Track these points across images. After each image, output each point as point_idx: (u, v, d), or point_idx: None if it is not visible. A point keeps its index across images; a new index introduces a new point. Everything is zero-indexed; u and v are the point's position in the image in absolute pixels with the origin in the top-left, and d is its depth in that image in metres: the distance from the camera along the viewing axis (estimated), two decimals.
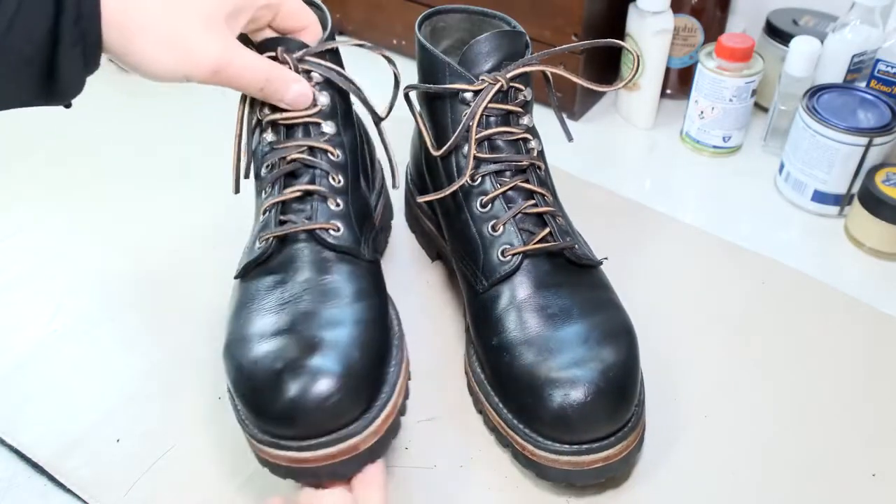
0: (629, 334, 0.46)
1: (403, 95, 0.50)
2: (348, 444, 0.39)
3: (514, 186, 0.48)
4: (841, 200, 0.66)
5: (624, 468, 0.45)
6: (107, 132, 0.75)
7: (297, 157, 0.45)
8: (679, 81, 0.79)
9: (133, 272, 0.60)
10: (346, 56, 0.51)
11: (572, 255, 0.48)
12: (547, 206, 0.48)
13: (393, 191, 0.56)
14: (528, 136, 0.49)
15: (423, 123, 0.51)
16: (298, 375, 0.38)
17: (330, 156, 0.47)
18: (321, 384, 0.38)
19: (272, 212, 0.45)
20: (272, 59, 0.45)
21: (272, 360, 0.39)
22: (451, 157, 0.50)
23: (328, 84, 0.47)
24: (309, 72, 0.46)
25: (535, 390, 0.43)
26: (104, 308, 0.57)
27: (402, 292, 0.52)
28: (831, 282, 0.60)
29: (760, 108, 0.77)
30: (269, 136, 0.46)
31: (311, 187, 0.45)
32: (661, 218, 0.66)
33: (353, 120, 0.50)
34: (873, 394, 0.52)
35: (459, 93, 0.48)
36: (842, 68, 0.69)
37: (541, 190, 0.49)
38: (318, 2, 0.51)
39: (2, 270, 0.61)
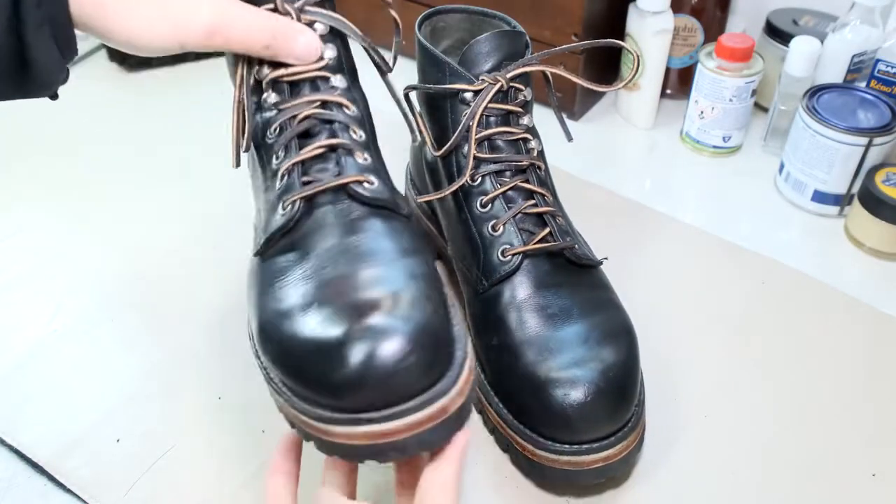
0: (629, 334, 0.46)
1: (404, 96, 0.50)
2: (437, 407, 0.33)
3: (514, 186, 0.48)
4: (841, 200, 0.66)
5: (624, 468, 0.45)
6: (107, 132, 0.75)
7: (310, 113, 0.40)
8: (679, 81, 0.79)
9: (133, 272, 0.60)
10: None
11: (572, 255, 0.48)
12: (547, 206, 0.48)
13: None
14: (528, 136, 0.49)
15: (423, 124, 0.51)
16: (365, 339, 0.32)
17: (346, 110, 0.42)
18: (393, 344, 0.32)
19: (292, 174, 0.39)
20: (272, 12, 0.40)
21: (327, 328, 0.33)
22: (451, 157, 0.50)
23: (333, 35, 0.43)
24: (312, 22, 0.41)
25: (535, 390, 0.43)
26: (104, 308, 0.57)
27: None
28: (831, 282, 0.60)
29: (760, 108, 0.77)
30: (272, 97, 0.41)
31: (334, 141, 0.40)
32: (661, 218, 0.66)
33: (358, 76, 0.46)
34: (873, 394, 0.52)
35: (459, 93, 0.48)
36: (842, 68, 0.69)
37: (541, 190, 0.49)
38: None
39: (2, 270, 0.61)
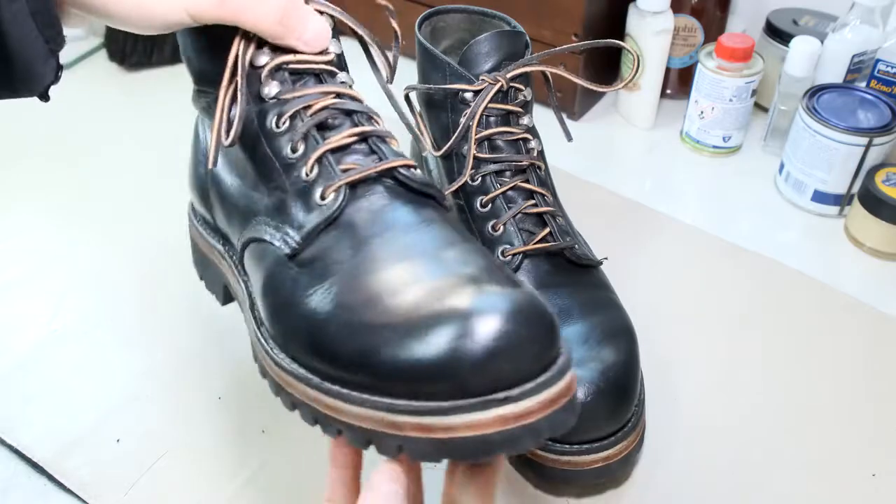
0: (629, 334, 0.46)
1: (404, 96, 0.50)
2: (567, 381, 0.29)
3: (514, 186, 0.48)
4: (841, 200, 0.66)
5: (624, 468, 0.45)
6: (107, 132, 0.75)
7: (328, 103, 0.36)
8: (679, 81, 0.79)
9: (133, 272, 0.60)
10: (349, 57, 0.50)
11: (572, 255, 0.48)
12: (547, 206, 0.48)
13: None
14: (528, 136, 0.49)
15: (423, 124, 0.51)
16: (487, 312, 0.28)
17: (362, 103, 0.38)
18: (520, 314, 0.28)
19: (325, 163, 0.35)
20: None
21: (441, 304, 0.29)
22: (451, 157, 0.50)
23: (336, 32, 0.40)
24: (320, 13, 0.39)
25: None
26: (104, 308, 0.57)
27: None
28: (831, 282, 0.60)
29: (760, 108, 0.77)
30: (273, 86, 0.37)
31: (367, 128, 0.36)
32: (661, 218, 0.66)
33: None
34: (873, 394, 0.52)
35: (459, 93, 0.48)
36: (842, 68, 0.69)
37: (541, 190, 0.49)
38: None
39: (2, 271, 0.61)
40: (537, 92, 0.52)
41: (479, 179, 0.48)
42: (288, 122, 0.36)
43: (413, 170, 0.36)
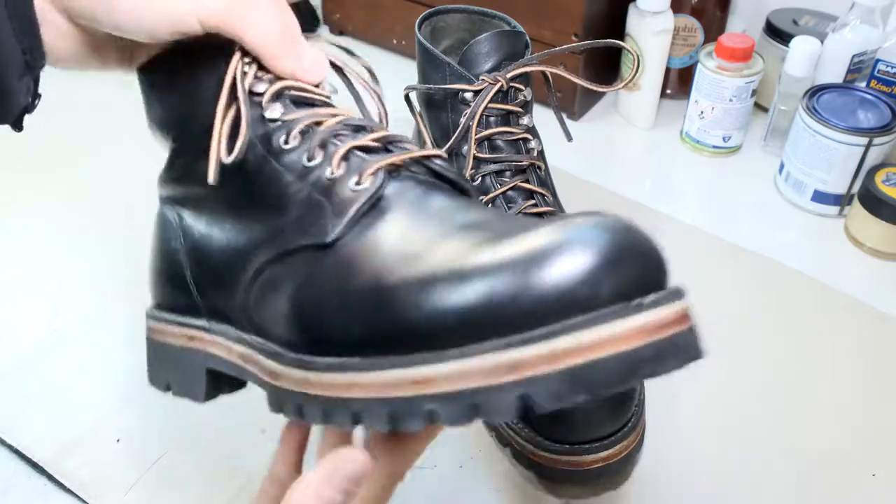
0: None
1: (404, 96, 0.50)
2: (686, 303, 0.27)
3: (514, 186, 0.48)
4: (841, 200, 0.66)
5: (624, 468, 0.45)
6: (107, 132, 0.75)
7: (339, 119, 0.35)
8: (679, 81, 0.79)
9: (133, 272, 0.60)
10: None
11: None
12: (547, 206, 0.48)
13: None
14: (528, 136, 0.49)
15: (423, 124, 0.51)
16: (616, 227, 0.25)
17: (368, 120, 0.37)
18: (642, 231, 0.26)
19: (352, 158, 0.33)
20: None
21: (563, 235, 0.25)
22: (451, 157, 0.50)
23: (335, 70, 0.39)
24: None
25: None
26: (104, 308, 0.57)
27: None
28: (831, 282, 0.60)
29: (760, 108, 0.77)
30: (276, 109, 0.35)
31: (388, 133, 0.35)
32: (661, 218, 0.66)
33: None
34: (873, 394, 0.52)
35: (459, 93, 0.48)
36: (842, 68, 0.69)
37: (541, 190, 0.49)
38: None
39: (2, 271, 0.61)
40: (537, 92, 0.52)
41: (480, 179, 0.48)
42: (299, 137, 0.34)
43: (441, 160, 0.34)
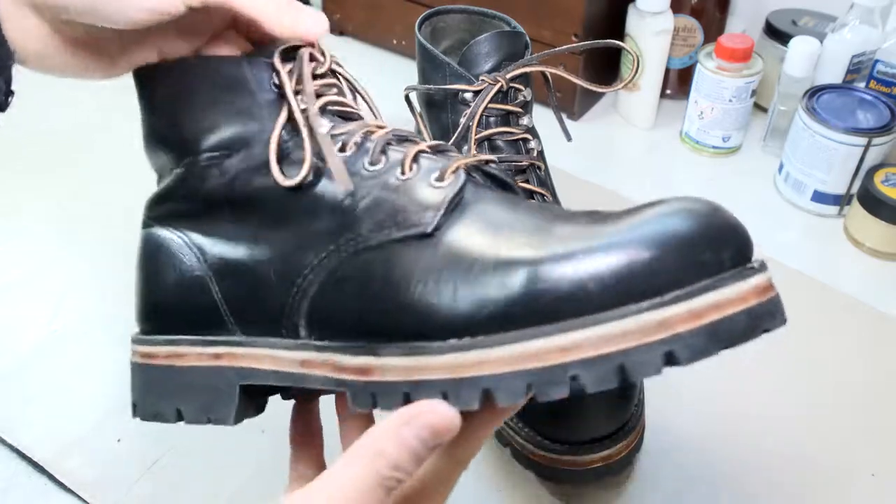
0: None
1: (404, 96, 0.50)
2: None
3: None
4: (840, 200, 0.66)
5: (624, 468, 0.45)
6: (106, 132, 0.75)
7: (388, 130, 0.36)
8: (679, 82, 0.79)
9: (133, 272, 0.60)
10: (347, 56, 0.50)
11: None
12: (548, 204, 0.48)
13: None
14: (528, 136, 0.49)
15: (423, 124, 0.51)
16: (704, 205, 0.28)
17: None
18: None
19: (420, 161, 0.34)
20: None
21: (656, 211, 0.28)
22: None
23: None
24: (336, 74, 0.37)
25: None
26: (104, 308, 0.57)
27: None
28: (831, 282, 0.60)
29: (760, 108, 0.77)
30: (326, 125, 0.35)
31: (435, 142, 0.36)
32: None
33: None
34: (873, 394, 0.52)
35: (459, 93, 0.48)
36: (841, 69, 0.69)
37: (541, 190, 0.49)
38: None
39: (2, 271, 0.61)
40: (537, 92, 0.52)
41: None
42: (354, 147, 0.35)
43: (494, 165, 0.36)
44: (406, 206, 0.33)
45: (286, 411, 0.38)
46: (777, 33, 0.74)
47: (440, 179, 0.33)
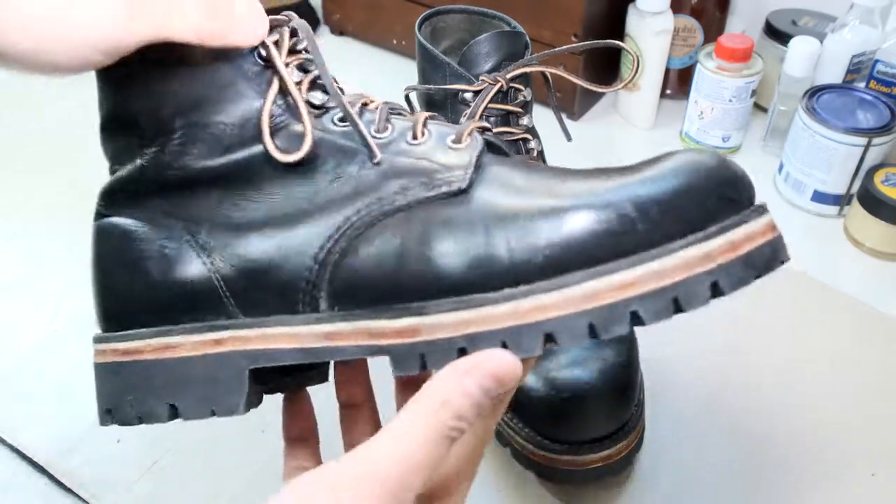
0: (629, 335, 0.46)
1: (404, 96, 0.50)
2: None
3: None
4: (840, 200, 0.66)
5: (624, 468, 0.45)
6: None
7: (379, 100, 0.36)
8: (679, 82, 0.79)
9: None
10: (347, 56, 0.50)
11: None
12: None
13: None
14: (528, 136, 0.49)
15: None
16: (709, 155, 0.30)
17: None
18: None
19: (430, 127, 0.35)
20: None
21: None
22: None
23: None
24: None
25: (535, 390, 0.43)
26: None
27: None
28: (831, 282, 0.60)
29: (760, 108, 0.77)
30: (318, 97, 0.35)
31: (434, 113, 0.37)
32: None
33: None
34: (873, 394, 0.52)
35: (459, 93, 0.48)
36: (841, 69, 0.69)
37: None
38: None
39: (2, 271, 0.61)
40: (537, 92, 0.52)
41: None
42: (355, 116, 0.34)
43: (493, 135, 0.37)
44: (428, 168, 0.33)
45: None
46: (777, 33, 0.74)
47: (457, 142, 0.33)
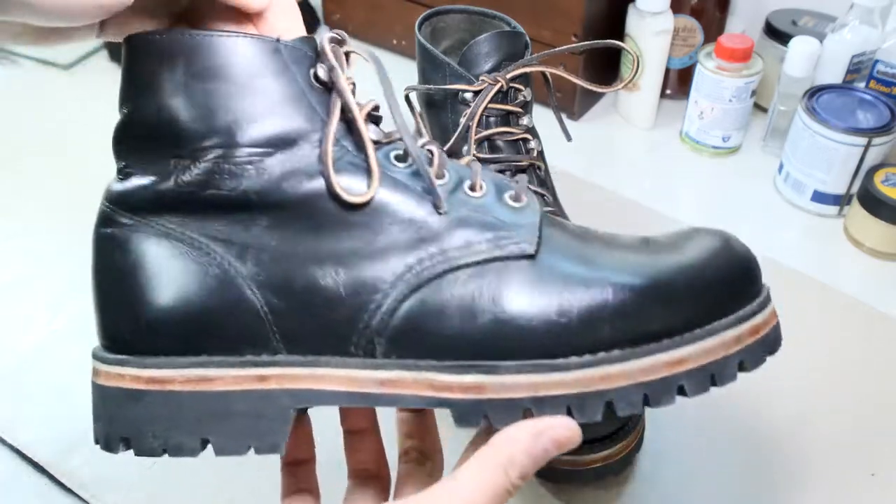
0: None
1: (404, 96, 0.50)
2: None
3: None
4: (840, 200, 0.66)
5: (624, 468, 0.45)
6: (107, 132, 0.75)
7: (424, 139, 0.35)
8: (679, 82, 0.79)
9: None
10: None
11: None
12: (547, 207, 0.48)
13: None
14: (528, 136, 0.49)
15: (424, 124, 0.51)
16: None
17: None
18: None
19: (491, 180, 0.35)
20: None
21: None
22: (451, 157, 0.50)
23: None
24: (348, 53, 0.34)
25: None
26: None
27: None
28: (831, 282, 0.60)
29: (760, 108, 0.77)
30: (374, 131, 0.33)
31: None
32: (661, 218, 0.66)
33: None
34: (873, 394, 0.52)
35: (459, 93, 0.48)
36: (841, 69, 0.69)
37: (541, 190, 0.49)
38: None
39: (2, 271, 0.61)
40: (537, 92, 0.52)
41: None
42: (411, 159, 0.33)
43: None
44: (494, 224, 0.32)
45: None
46: (777, 33, 0.74)
47: (516, 200, 0.34)
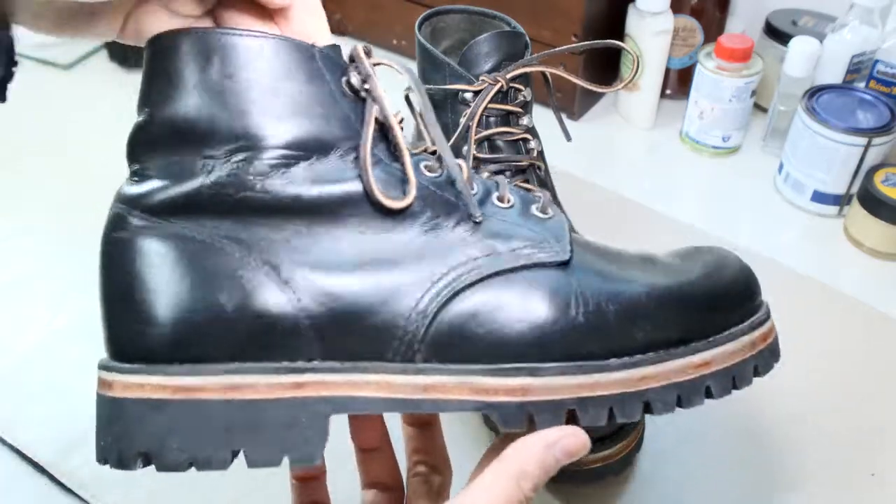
0: None
1: (404, 97, 0.50)
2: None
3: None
4: (840, 200, 0.66)
5: (624, 468, 0.45)
6: (107, 132, 0.75)
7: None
8: (679, 82, 0.79)
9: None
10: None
11: None
12: None
13: None
14: (528, 136, 0.49)
15: (424, 124, 0.51)
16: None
17: None
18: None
19: (517, 192, 0.36)
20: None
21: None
22: None
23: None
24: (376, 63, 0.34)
25: None
26: None
27: None
28: (831, 282, 0.60)
29: (760, 108, 0.77)
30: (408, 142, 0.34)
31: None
32: (661, 218, 0.66)
33: None
34: (873, 394, 0.52)
35: (459, 93, 0.48)
36: (841, 69, 0.69)
37: (541, 191, 0.49)
38: None
39: (2, 271, 0.61)
40: (537, 92, 0.52)
41: None
42: (440, 170, 0.33)
43: None
44: (527, 234, 0.33)
45: None
46: (777, 33, 0.74)
47: (544, 212, 0.35)
